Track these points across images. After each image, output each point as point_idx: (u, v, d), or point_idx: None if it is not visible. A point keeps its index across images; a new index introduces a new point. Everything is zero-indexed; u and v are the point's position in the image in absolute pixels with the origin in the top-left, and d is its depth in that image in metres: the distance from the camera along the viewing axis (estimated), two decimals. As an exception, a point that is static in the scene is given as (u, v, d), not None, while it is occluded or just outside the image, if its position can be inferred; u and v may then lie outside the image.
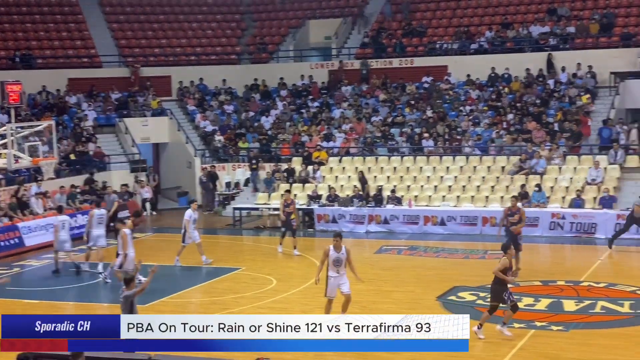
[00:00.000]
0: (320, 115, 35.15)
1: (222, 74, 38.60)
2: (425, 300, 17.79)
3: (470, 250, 23.56)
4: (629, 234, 24.38)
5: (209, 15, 42.35)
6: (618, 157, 27.95)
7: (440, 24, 38.51)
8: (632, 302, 17.19)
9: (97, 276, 20.91)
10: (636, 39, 33.49)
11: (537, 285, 18.97)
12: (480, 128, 31.54)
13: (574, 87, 32.56)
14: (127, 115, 35.42)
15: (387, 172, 30.26)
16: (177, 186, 35.18)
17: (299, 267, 21.92)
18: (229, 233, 28.10)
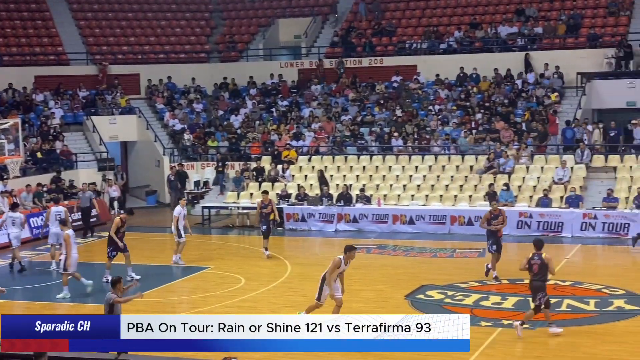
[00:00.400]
0: (290, 114, 35.13)
1: (191, 72, 38.46)
2: (394, 299, 17.84)
3: (438, 249, 23.67)
4: (595, 232, 24.67)
5: (178, 13, 42.14)
6: (584, 156, 28.24)
7: (409, 24, 38.65)
8: (598, 300, 17.37)
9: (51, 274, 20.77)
10: (602, 39, 33.85)
11: (504, 283, 19.10)
12: (449, 127, 31.70)
13: (541, 87, 32.84)
14: (94, 114, 35.14)
15: (356, 171, 30.33)
16: (146, 185, 35.00)
17: (268, 266, 21.89)
18: (198, 232, 27.90)
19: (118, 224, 19.94)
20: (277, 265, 21.83)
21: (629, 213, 24.57)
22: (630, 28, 34.28)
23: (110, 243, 20.01)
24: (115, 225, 19.99)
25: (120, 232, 20.00)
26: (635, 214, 24.44)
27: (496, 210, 19.76)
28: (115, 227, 19.95)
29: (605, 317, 16.07)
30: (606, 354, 14.06)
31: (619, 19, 34.92)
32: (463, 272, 20.38)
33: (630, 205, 25.23)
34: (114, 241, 19.90)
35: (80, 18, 40.14)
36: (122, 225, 20.01)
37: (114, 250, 19.99)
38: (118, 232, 19.96)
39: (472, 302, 17.39)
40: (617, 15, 35.06)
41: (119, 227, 19.93)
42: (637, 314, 16.31)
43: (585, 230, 24.83)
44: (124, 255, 20.01)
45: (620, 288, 18.09)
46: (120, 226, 19.95)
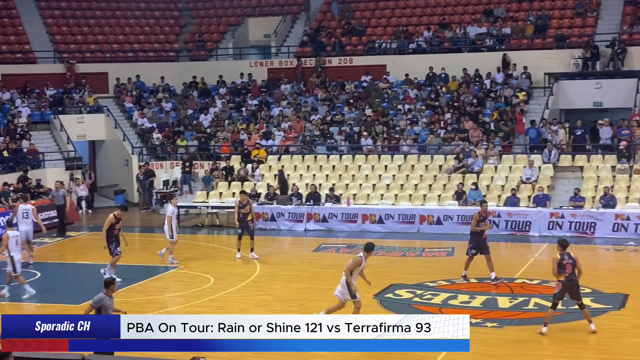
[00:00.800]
0: (260, 114, 35.08)
1: (161, 71, 38.28)
2: (363, 298, 17.71)
3: (407, 248, 23.75)
4: (562, 231, 24.89)
5: (147, 11, 41.92)
6: (552, 156, 28.49)
7: (379, 24, 38.76)
8: (564, 298, 17.49)
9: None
10: (570, 40, 34.19)
11: (472, 282, 19.21)
12: (418, 127, 31.82)
13: (509, 87, 33.08)
14: (62, 112, 34.87)
15: (325, 171, 30.36)
16: (114, 184, 34.77)
17: (237, 265, 21.85)
18: (167, 231, 27.81)
19: (111, 220, 19.44)
20: (246, 264, 21.79)
21: (596, 212, 24.83)
22: (597, 29, 34.67)
23: (110, 240, 19.51)
24: (108, 222, 19.47)
25: (115, 229, 19.47)
26: (602, 213, 24.71)
27: (485, 212, 19.41)
28: (108, 224, 19.44)
29: (571, 315, 16.20)
30: (572, 351, 14.19)
31: (585, 20, 35.29)
32: (432, 271, 20.49)
33: (597, 204, 25.50)
34: (114, 237, 19.41)
35: (47, 16, 39.78)
36: (116, 221, 19.50)
37: (118, 246, 19.53)
38: (113, 229, 19.45)
39: (441, 301, 17.48)
40: (584, 17, 35.42)
41: (112, 223, 19.42)
42: (604, 312, 16.49)
43: (553, 229, 25.04)
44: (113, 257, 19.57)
45: (586, 287, 18.22)
46: (114, 223, 19.44)
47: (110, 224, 19.48)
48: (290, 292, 18.74)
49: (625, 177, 27.10)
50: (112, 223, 19.49)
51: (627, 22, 34.29)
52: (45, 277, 20.56)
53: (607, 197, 25.26)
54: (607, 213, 24.70)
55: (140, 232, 28.89)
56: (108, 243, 19.54)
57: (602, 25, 34.78)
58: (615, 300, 17.34)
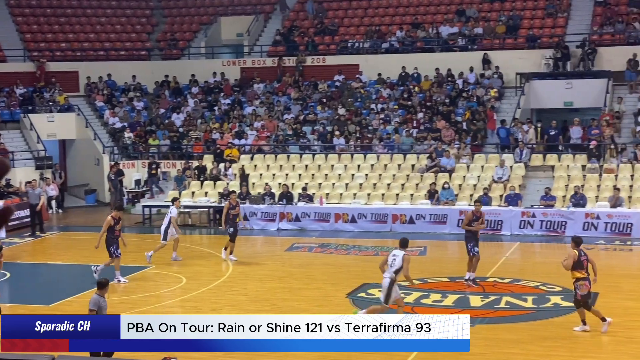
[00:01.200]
0: (232, 113, 34.97)
1: (132, 69, 38.00)
2: (335, 297, 17.88)
3: (380, 247, 23.77)
4: (534, 230, 25.04)
5: (118, 9, 41.62)
6: (523, 156, 28.66)
7: (351, 23, 38.79)
8: (535, 297, 17.64)
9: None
10: (541, 40, 34.41)
11: (444, 281, 19.27)
12: (391, 126, 31.88)
13: (481, 87, 33.23)
14: (32, 111, 34.53)
15: (298, 170, 30.32)
16: (85, 184, 34.49)
17: (208, 265, 21.75)
18: (139, 231, 27.68)
19: (110, 222, 19.12)
20: (218, 264, 21.70)
21: (566, 211, 25.01)
22: (567, 30, 34.93)
23: (110, 242, 19.17)
24: (106, 224, 19.13)
25: (115, 231, 19.13)
26: (572, 212, 24.90)
27: (478, 212, 19.13)
28: (106, 226, 19.11)
29: (542, 313, 16.32)
30: (543, 350, 14.28)
31: (556, 20, 35.54)
32: (404, 270, 20.47)
33: (567, 203, 25.69)
34: (114, 240, 19.10)
35: (17, 14, 39.37)
36: (115, 223, 19.16)
37: (118, 248, 19.23)
38: (113, 230, 19.12)
39: (413, 300, 17.51)
40: (554, 17, 35.68)
41: (111, 225, 19.11)
42: (574, 311, 16.59)
43: (524, 228, 25.19)
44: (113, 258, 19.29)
45: (557, 285, 18.39)
46: (113, 224, 19.11)
47: (109, 226, 19.13)
48: (263, 292, 18.70)
49: (595, 176, 27.33)
50: (111, 225, 19.15)
51: (597, 22, 34.58)
52: (15, 278, 20.34)
53: (578, 196, 25.45)
54: (577, 212, 24.89)
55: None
56: (108, 245, 19.20)
57: (573, 26, 35.06)
58: (586, 298, 17.46)
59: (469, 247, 18.79)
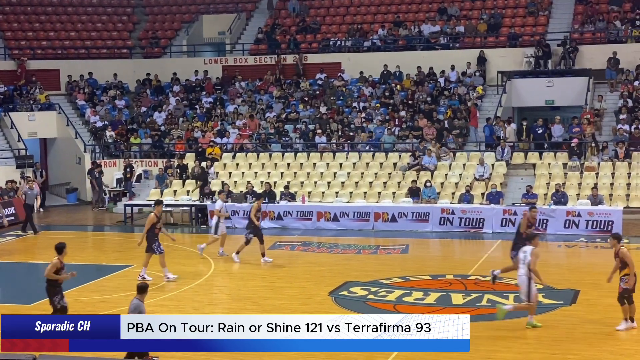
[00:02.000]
0: (214, 111, 34.88)
1: (113, 68, 37.87)
2: (317, 295, 17.87)
3: (362, 245, 23.80)
4: (515, 228, 25.05)
5: (99, 7, 41.46)
6: (505, 154, 28.76)
7: (333, 21, 38.79)
8: (517, 294, 17.64)
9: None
10: (522, 39, 34.54)
11: (426, 279, 19.31)
12: (373, 125, 31.91)
13: (463, 85, 33.32)
14: (13, 110, 34.33)
15: (280, 168, 30.30)
16: (66, 182, 34.33)
17: (190, 264, 21.67)
18: (120, 230, 27.57)
19: (153, 220, 19.09)
20: (200, 263, 21.64)
21: (547, 209, 25.10)
22: (549, 28, 35.12)
23: (152, 240, 19.10)
24: (150, 222, 19.09)
25: (156, 228, 19.11)
26: (553, 210, 25.00)
27: (534, 219, 18.51)
28: (150, 224, 19.07)
29: (524, 311, 16.34)
30: (525, 347, 14.33)
31: (538, 19, 35.71)
32: (386, 268, 20.55)
33: (549, 201, 25.80)
34: (156, 237, 19.03)
35: (-3, 12, 39.16)
36: (157, 220, 19.18)
37: (160, 245, 19.19)
38: (154, 228, 19.07)
39: (395, 298, 17.53)
40: (536, 15, 35.84)
41: (154, 223, 19.09)
42: (555, 308, 16.69)
43: (506, 226, 25.25)
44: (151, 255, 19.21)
45: (538, 283, 18.43)
46: (155, 222, 19.11)
47: (152, 224, 19.10)
48: (245, 290, 18.67)
49: (577, 174, 27.48)
50: (153, 222, 19.12)
51: (578, 21, 34.78)
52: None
53: (559, 194, 25.57)
54: (558, 210, 25.00)
55: (94, 230, 28.65)
56: (150, 243, 19.15)
57: (554, 24, 35.23)
58: (567, 295, 17.57)
59: (512, 254, 17.77)
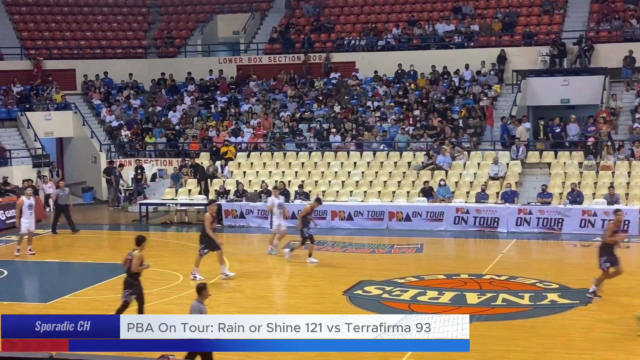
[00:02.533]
0: (228, 111, 34.97)
1: (129, 67, 38.02)
2: (332, 294, 17.89)
3: (376, 244, 23.81)
4: (530, 227, 25.07)
5: (115, 8, 41.65)
6: (520, 153, 28.68)
7: (348, 20, 38.80)
8: (532, 294, 17.65)
9: None
10: (537, 37, 34.44)
11: (441, 278, 19.30)
12: (387, 124, 31.90)
13: (477, 84, 33.25)
14: (29, 109, 34.53)
15: (294, 168, 30.34)
16: (82, 181, 34.51)
17: (205, 262, 21.68)
18: (136, 229, 27.66)
19: (210, 219, 19.21)
20: (215, 262, 21.67)
21: (563, 208, 25.03)
22: (564, 26, 34.98)
23: (204, 240, 19.29)
24: (208, 222, 19.18)
25: (213, 227, 19.24)
26: (569, 209, 24.93)
27: (620, 222, 17.45)
28: (209, 223, 19.16)
29: (539, 311, 16.33)
30: (540, 347, 14.30)
31: (553, 17, 35.58)
32: (401, 267, 20.54)
33: (564, 200, 25.72)
34: (208, 238, 19.15)
35: (14, 12, 39.38)
36: (213, 220, 19.35)
37: (206, 248, 19.34)
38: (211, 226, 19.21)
39: (410, 297, 17.53)
40: (551, 14, 35.72)
41: (211, 222, 19.20)
42: (570, 308, 16.63)
43: (521, 225, 25.20)
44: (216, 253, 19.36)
45: (554, 282, 18.43)
46: (212, 221, 19.24)
47: (210, 223, 19.22)
48: (260, 289, 18.72)
49: (592, 173, 27.37)
50: (210, 221, 19.25)
51: (593, 19, 34.63)
52: (11, 275, 20.34)
53: (574, 194, 25.48)
54: (574, 209, 24.91)
55: (109, 229, 28.79)
56: (201, 242, 19.34)
57: (569, 23, 35.09)
58: (582, 295, 17.49)
59: (601, 261, 16.92)
